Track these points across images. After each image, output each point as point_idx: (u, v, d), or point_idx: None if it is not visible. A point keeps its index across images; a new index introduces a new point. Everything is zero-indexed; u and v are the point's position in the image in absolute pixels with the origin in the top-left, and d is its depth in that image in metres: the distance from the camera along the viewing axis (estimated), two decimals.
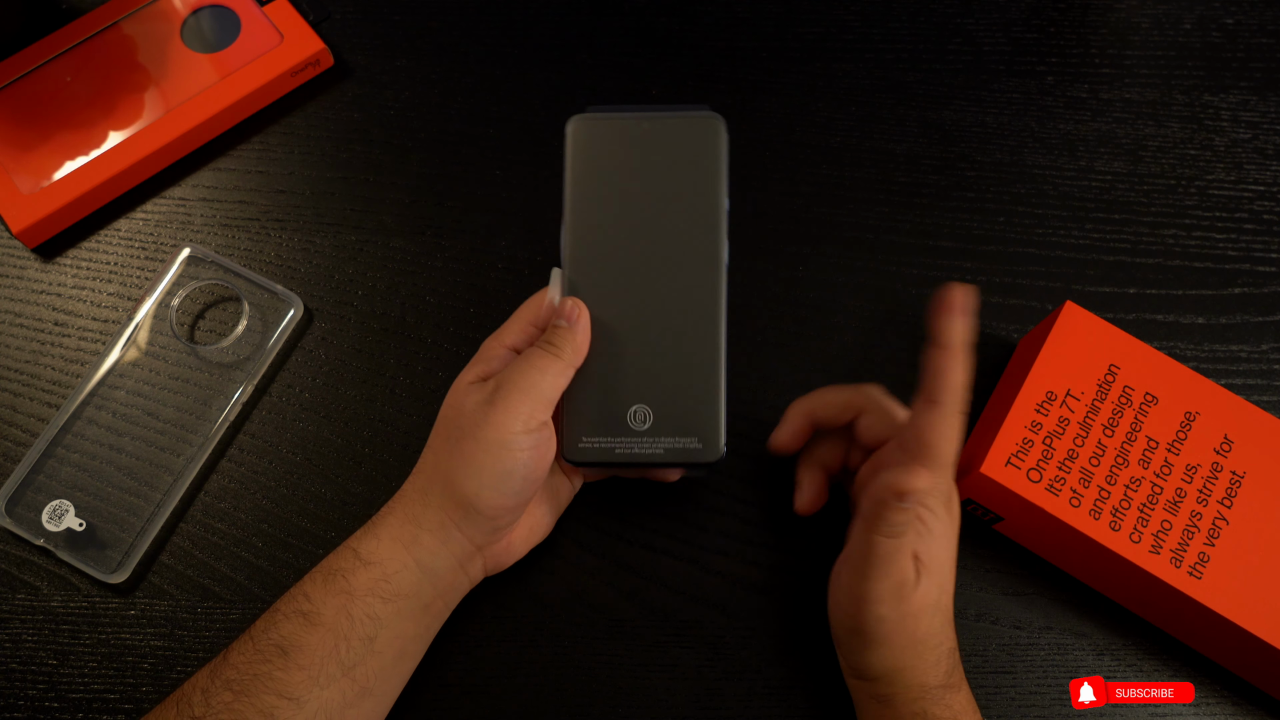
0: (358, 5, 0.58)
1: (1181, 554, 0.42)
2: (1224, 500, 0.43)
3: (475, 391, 0.39)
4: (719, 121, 0.42)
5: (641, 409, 0.42)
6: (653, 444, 0.42)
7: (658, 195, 0.42)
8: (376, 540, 0.39)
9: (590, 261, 0.42)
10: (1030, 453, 0.43)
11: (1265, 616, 0.41)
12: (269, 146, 0.54)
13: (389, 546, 0.39)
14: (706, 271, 0.42)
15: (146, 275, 0.51)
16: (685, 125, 0.42)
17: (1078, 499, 0.42)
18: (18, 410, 0.48)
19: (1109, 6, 0.60)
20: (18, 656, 0.44)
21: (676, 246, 0.42)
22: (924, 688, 0.38)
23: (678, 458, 0.42)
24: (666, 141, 0.42)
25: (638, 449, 0.42)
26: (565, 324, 0.40)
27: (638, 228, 0.42)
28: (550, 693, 0.44)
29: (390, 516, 0.40)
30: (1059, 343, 0.45)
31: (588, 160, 0.42)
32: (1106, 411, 0.44)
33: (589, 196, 0.42)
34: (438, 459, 0.40)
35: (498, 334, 0.42)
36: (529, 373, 0.39)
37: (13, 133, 0.52)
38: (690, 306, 0.42)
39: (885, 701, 0.39)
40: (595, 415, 0.42)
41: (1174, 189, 0.55)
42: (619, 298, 0.42)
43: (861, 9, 0.59)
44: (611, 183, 0.42)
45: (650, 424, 0.42)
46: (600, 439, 0.42)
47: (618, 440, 0.42)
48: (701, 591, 0.46)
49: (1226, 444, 0.44)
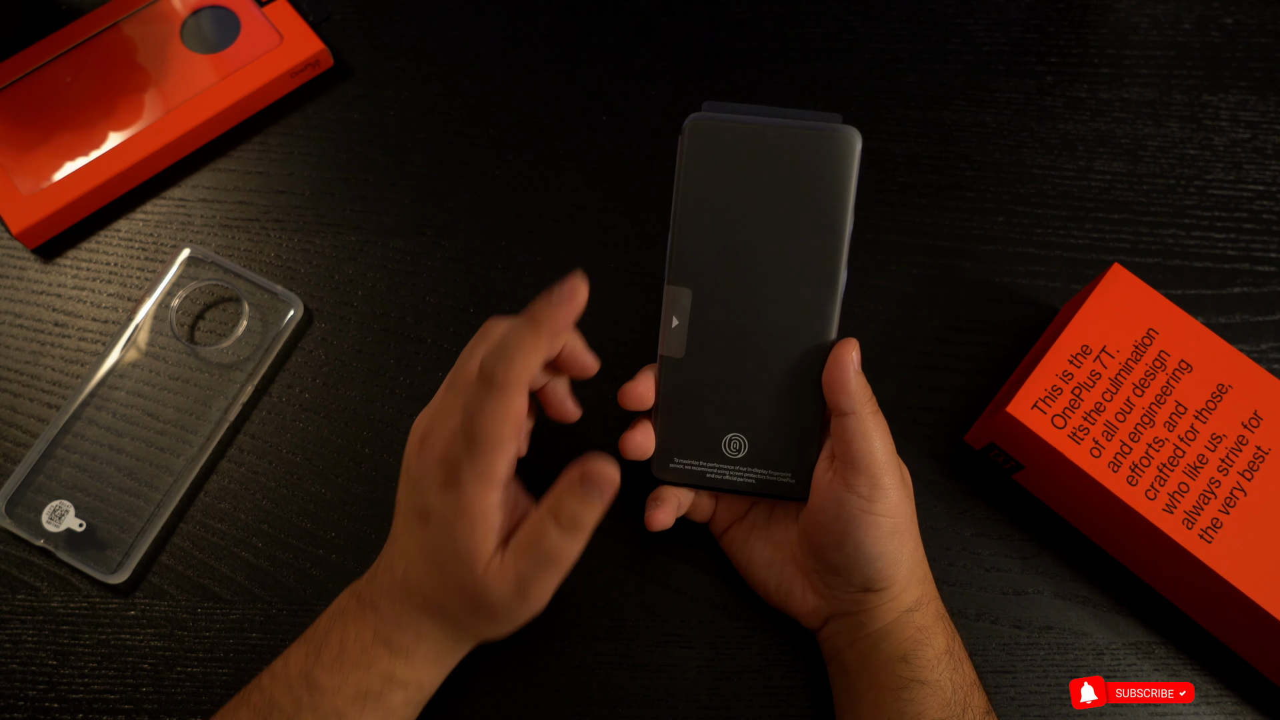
0: (358, 5, 0.58)
1: (1195, 517, 0.42)
2: (1245, 472, 0.43)
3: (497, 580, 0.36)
4: (854, 136, 0.38)
5: (738, 438, 0.41)
6: (745, 473, 0.41)
7: (777, 210, 0.38)
8: (413, 668, 0.39)
9: (700, 278, 0.39)
10: (1058, 400, 0.44)
11: (1271, 587, 0.41)
12: (269, 147, 0.54)
13: (425, 669, 0.39)
14: (821, 299, 0.39)
15: (146, 276, 0.51)
16: (814, 138, 0.38)
17: (1099, 450, 0.43)
18: (18, 410, 0.48)
19: (1108, 6, 0.60)
20: (18, 657, 0.44)
21: (792, 269, 0.39)
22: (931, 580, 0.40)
23: (768, 490, 0.41)
24: (791, 153, 0.38)
25: (730, 476, 0.41)
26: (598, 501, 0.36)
27: (752, 246, 0.39)
28: (550, 693, 0.44)
29: (423, 647, 0.39)
30: (1101, 301, 0.46)
31: (703, 167, 0.39)
32: (1139, 372, 0.44)
33: (701, 207, 0.39)
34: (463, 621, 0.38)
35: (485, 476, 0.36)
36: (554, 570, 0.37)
37: (13, 133, 0.52)
38: (800, 335, 0.39)
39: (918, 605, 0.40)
40: (691, 438, 0.41)
41: (1173, 189, 0.55)
42: (726, 319, 0.40)
43: (861, 9, 0.60)
44: (727, 194, 0.39)
45: (745, 453, 0.41)
46: (693, 462, 0.41)
47: (710, 465, 0.41)
48: (701, 591, 0.46)
49: (1256, 419, 0.44)
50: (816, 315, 0.39)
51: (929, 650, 0.39)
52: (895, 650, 0.39)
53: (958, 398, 0.50)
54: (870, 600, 0.40)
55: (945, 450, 0.49)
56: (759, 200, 0.39)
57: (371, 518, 0.47)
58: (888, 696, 0.39)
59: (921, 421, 0.49)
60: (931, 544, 0.47)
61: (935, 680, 0.39)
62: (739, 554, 0.44)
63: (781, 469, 0.41)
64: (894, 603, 0.40)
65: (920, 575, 0.41)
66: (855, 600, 0.40)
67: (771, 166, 0.38)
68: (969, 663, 0.40)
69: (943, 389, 0.50)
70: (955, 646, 0.40)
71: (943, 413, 0.49)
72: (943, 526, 0.47)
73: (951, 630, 0.41)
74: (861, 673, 0.40)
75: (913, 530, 0.40)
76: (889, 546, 0.39)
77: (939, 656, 0.39)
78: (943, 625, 0.40)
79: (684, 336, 0.40)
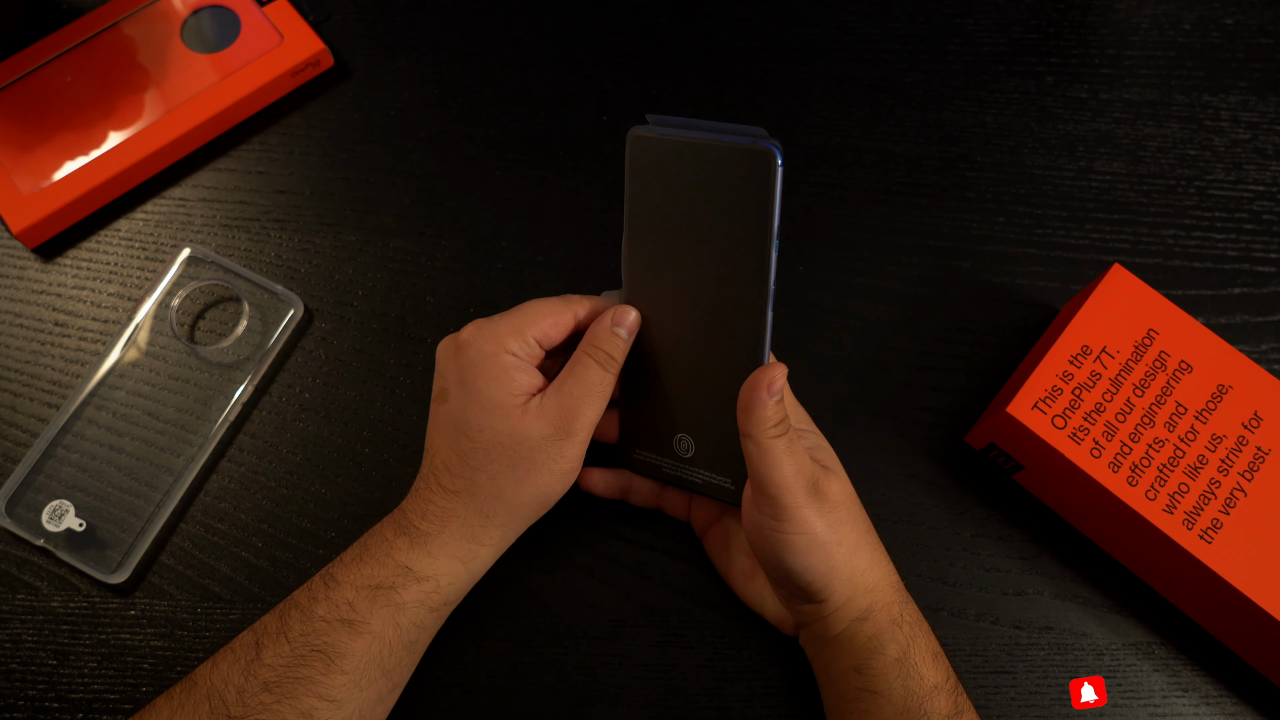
0: (358, 5, 0.58)
1: (1195, 517, 0.42)
2: (1245, 473, 0.43)
3: (536, 418, 0.39)
4: (771, 154, 0.37)
5: (685, 438, 0.42)
6: (693, 472, 0.43)
7: (709, 222, 0.39)
8: (432, 558, 0.39)
9: (646, 283, 0.41)
10: (1058, 400, 0.44)
11: (1271, 587, 0.41)
12: (269, 146, 0.54)
13: (446, 563, 0.39)
14: (751, 311, 0.39)
15: (146, 275, 0.51)
16: (737, 154, 0.38)
17: (1099, 450, 0.43)
18: (18, 410, 0.48)
19: (1109, 7, 0.60)
20: (18, 656, 0.44)
21: (724, 279, 0.40)
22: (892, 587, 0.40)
23: (712, 492, 0.42)
24: (719, 168, 0.38)
25: (682, 473, 0.43)
26: (624, 335, 0.40)
27: (690, 254, 0.40)
28: (550, 693, 0.44)
29: (445, 535, 0.39)
30: (1101, 301, 0.46)
31: (645, 178, 0.40)
32: (1139, 372, 0.44)
33: (646, 215, 0.40)
34: (500, 490, 0.39)
35: (498, 338, 0.39)
36: (594, 400, 0.39)
37: (13, 133, 0.52)
38: (733, 344, 0.40)
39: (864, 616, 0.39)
40: (647, 433, 0.43)
41: (1174, 189, 0.55)
42: (672, 322, 0.41)
43: (861, 9, 0.59)
44: (667, 204, 0.40)
45: (693, 453, 0.42)
46: (651, 455, 0.44)
47: (665, 460, 0.43)
48: (701, 592, 0.46)
49: (1256, 420, 0.44)
50: (746, 327, 0.40)
51: (880, 659, 0.39)
52: (848, 660, 0.39)
53: (958, 398, 0.50)
54: (816, 611, 0.40)
55: (945, 450, 0.49)
56: (690, 214, 0.39)
57: (371, 518, 0.46)
58: (847, 707, 0.39)
59: (921, 421, 0.49)
60: (931, 544, 0.47)
61: (886, 690, 0.38)
62: (719, 559, 0.45)
63: (723, 473, 0.42)
64: (839, 613, 0.40)
65: (869, 584, 0.40)
66: (804, 612, 0.41)
67: (700, 181, 0.39)
68: (934, 666, 0.39)
69: (943, 389, 0.50)
70: (913, 653, 0.39)
71: (943, 413, 0.49)
72: (943, 526, 0.47)
73: (912, 636, 0.39)
74: (828, 683, 0.41)
75: (846, 539, 0.39)
76: (811, 560, 0.38)
77: (890, 665, 0.38)
78: (899, 632, 0.39)
79: None
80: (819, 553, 0.39)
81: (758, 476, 0.38)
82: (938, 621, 0.45)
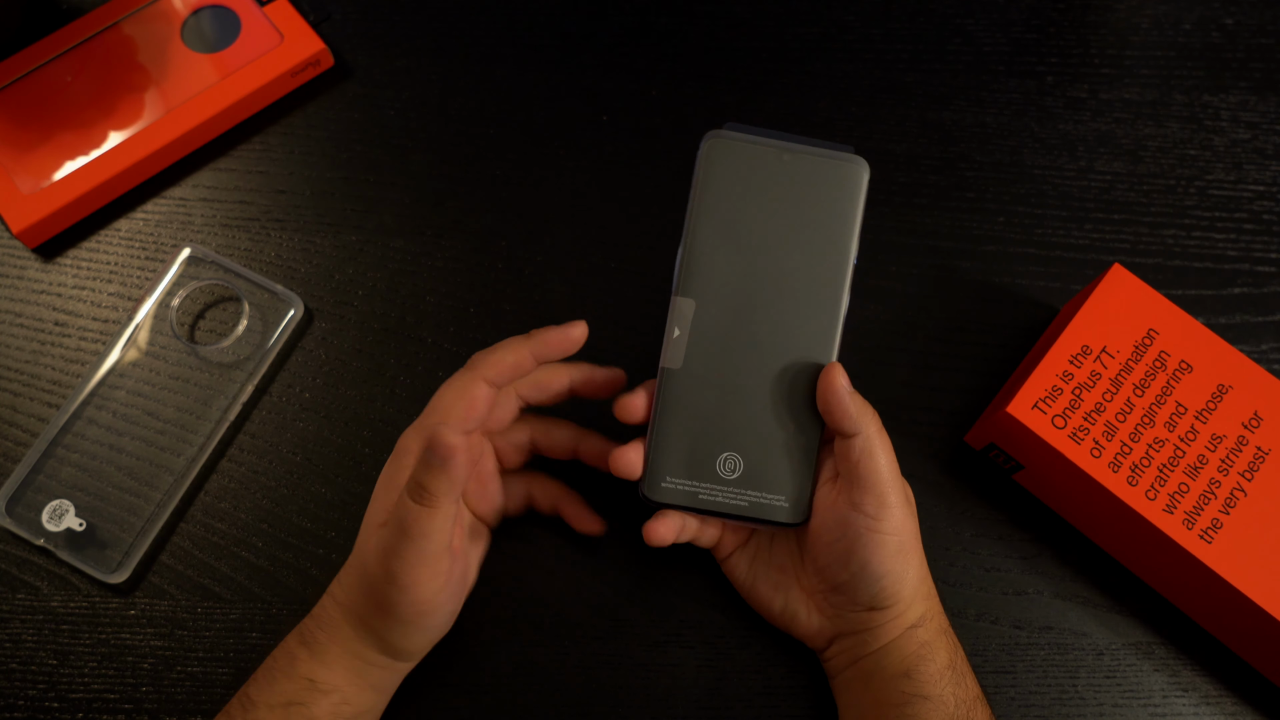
0: (358, 5, 0.58)
1: (1195, 517, 0.42)
2: (1245, 473, 0.43)
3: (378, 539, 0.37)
4: (863, 167, 0.39)
5: (733, 457, 0.40)
6: (738, 495, 0.40)
7: (785, 234, 0.39)
8: (329, 669, 0.38)
9: (704, 292, 0.40)
10: (1058, 400, 0.44)
11: (1271, 587, 0.41)
12: (269, 146, 0.54)
13: (343, 675, 0.38)
14: (822, 323, 0.39)
15: (146, 275, 0.51)
16: (826, 166, 0.39)
17: (1099, 450, 0.43)
18: (18, 410, 0.48)
19: (1109, 7, 0.60)
20: (18, 656, 0.44)
21: (796, 292, 0.39)
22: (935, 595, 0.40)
23: (760, 513, 0.40)
24: (804, 179, 0.39)
25: (722, 498, 0.40)
26: (438, 463, 0.35)
27: (759, 265, 0.39)
28: (550, 693, 0.44)
29: (335, 649, 0.39)
30: (1101, 301, 0.46)
31: (718, 183, 0.39)
32: (1139, 372, 0.44)
33: (713, 222, 0.39)
34: (364, 612, 0.38)
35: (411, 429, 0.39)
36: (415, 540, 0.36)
37: (13, 133, 0.52)
38: (800, 357, 0.40)
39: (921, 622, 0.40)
40: (684, 457, 0.40)
41: (1174, 189, 0.55)
42: (728, 335, 0.40)
43: (861, 9, 0.59)
44: (739, 212, 0.39)
45: (739, 474, 0.40)
46: (685, 482, 0.40)
47: (703, 485, 0.40)
48: (701, 592, 0.46)
49: (1256, 420, 0.44)
50: (817, 339, 0.40)
51: (932, 665, 0.39)
52: (898, 666, 0.39)
53: (958, 398, 0.50)
54: (875, 618, 0.40)
55: (945, 450, 0.49)
56: (769, 221, 0.39)
57: None
58: (890, 713, 0.39)
59: (921, 421, 0.49)
60: (931, 544, 0.47)
61: (938, 695, 0.38)
62: (743, 577, 0.44)
63: (775, 491, 0.40)
64: (898, 620, 0.40)
65: (925, 591, 0.40)
66: (860, 619, 0.40)
67: (783, 190, 0.39)
68: (972, 677, 0.40)
69: (943, 389, 0.50)
70: (958, 661, 0.40)
71: (943, 413, 0.49)
72: (943, 526, 0.47)
73: (955, 645, 0.40)
74: (866, 690, 0.40)
75: (917, 547, 0.40)
76: (895, 564, 0.39)
77: (941, 671, 0.39)
78: (945, 640, 0.40)
79: (683, 348, 0.40)
80: (903, 557, 0.39)
81: (862, 473, 0.38)
82: None
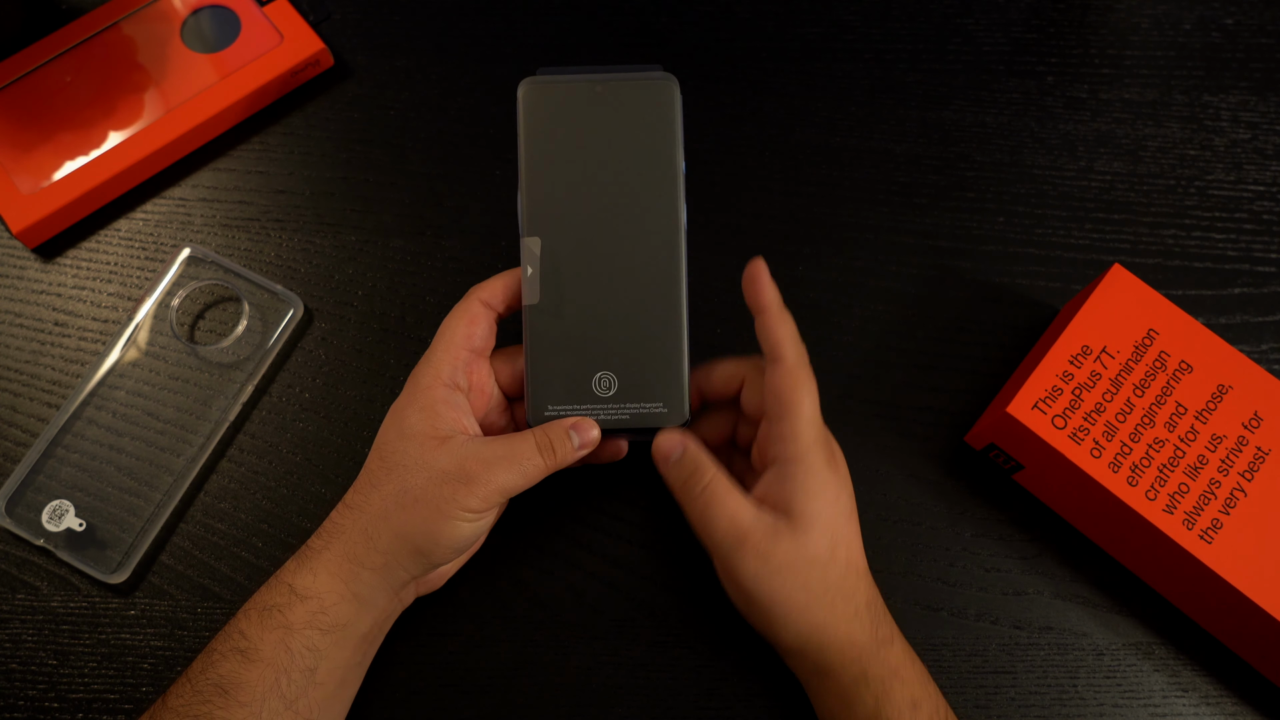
0: (358, 5, 0.58)
1: (1195, 517, 0.42)
2: (1245, 473, 0.43)
3: (446, 453, 0.38)
4: (672, 83, 0.42)
5: (606, 375, 0.42)
6: (618, 410, 0.42)
7: (613, 160, 0.42)
8: (313, 575, 0.38)
9: (548, 228, 0.42)
10: (1058, 400, 0.44)
11: (1271, 588, 0.41)
12: (269, 146, 0.54)
13: (326, 581, 0.38)
14: (665, 235, 0.41)
15: (146, 275, 0.51)
16: (637, 88, 0.42)
17: (1099, 450, 0.43)
18: (18, 410, 0.48)
19: (1109, 7, 0.60)
20: (18, 656, 0.44)
21: (634, 211, 0.42)
22: (855, 645, 0.38)
23: (644, 423, 0.42)
24: (619, 105, 0.42)
25: (604, 415, 0.42)
26: (575, 447, 0.40)
27: (594, 193, 0.42)
28: (550, 693, 0.44)
29: (328, 553, 0.38)
30: (1101, 302, 0.46)
31: (541, 125, 0.42)
32: (1139, 372, 0.44)
33: (544, 162, 0.42)
34: (387, 511, 0.38)
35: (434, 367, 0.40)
36: (513, 469, 0.38)
37: (13, 133, 0.52)
38: (651, 271, 0.42)
39: (825, 673, 0.39)
40: (561, 383, 0.42)
41: (1174, 189, 0.55)
42: (579, 264, 0.42)
43: (861, 9, 0.59)
44: (566, 148, 0.42)
45: (615, 390, 0.42)
46: (566, 406, 0.42)
47: (583, 408, 0.42)
48: (701, 592, 0.46)
49: (1256, 420, 0.44)
50: (662, 250, 0.42)
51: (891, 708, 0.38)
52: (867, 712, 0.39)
53: (958, 398, 0.50)
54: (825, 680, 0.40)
55: (945, 450, 0.49)
56: (594, 150, 0.42)
57: None
58: None
59: (921, 421, 0.49)
60: (931, 544, 0.47)
61: None
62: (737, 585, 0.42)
63: (652, 400, 0.42)
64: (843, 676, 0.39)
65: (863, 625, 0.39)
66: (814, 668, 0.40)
67: (602, 119, 0.42)
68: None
69: (943, 389, 0.50)
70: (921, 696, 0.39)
71: (943, 413, 0.49)
72: (943, 526, 0.47)
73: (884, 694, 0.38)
74: None
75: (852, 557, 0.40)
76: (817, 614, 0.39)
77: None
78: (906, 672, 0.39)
79: (538, 283, 0.42)
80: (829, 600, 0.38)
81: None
82: (938, 621, 0.45)
